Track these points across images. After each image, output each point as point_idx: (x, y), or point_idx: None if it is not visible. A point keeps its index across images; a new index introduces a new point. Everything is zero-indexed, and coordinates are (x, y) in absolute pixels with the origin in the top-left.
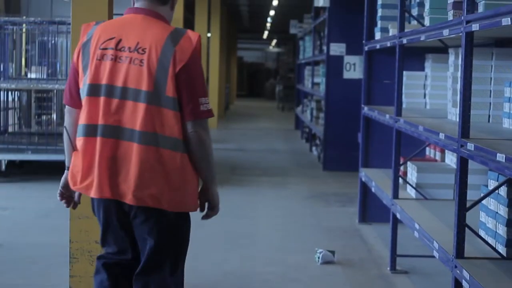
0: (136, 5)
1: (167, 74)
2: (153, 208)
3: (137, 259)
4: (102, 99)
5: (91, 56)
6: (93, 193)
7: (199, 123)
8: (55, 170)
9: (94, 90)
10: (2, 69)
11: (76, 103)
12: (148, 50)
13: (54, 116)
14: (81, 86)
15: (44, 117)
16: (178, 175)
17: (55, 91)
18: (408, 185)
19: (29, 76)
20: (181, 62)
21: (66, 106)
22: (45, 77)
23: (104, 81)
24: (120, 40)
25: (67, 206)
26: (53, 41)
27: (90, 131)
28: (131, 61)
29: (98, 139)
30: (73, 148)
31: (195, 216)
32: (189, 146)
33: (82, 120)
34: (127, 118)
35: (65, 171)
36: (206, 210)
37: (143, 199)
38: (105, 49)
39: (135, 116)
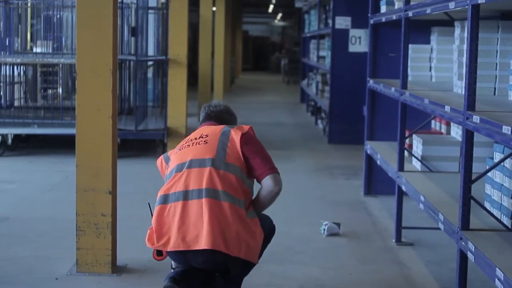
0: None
1: (225, 147)
2: (225, 255)
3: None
4: (174, 175)
5: (172, 158)
6: (170, 248)
7: (276, 177)
8: (61, 144)
9: (170, 174)
10: (7, 43)
11: None
12: (210, 134)
13: (60, 90)
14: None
15: (50, 91)
16: (241, 227)
17: (60, 65)
18: (413, 157)
19: (34, 50)
20: (238, 134)
21: None
22: (50, 51)
23: (176, 163)
24: (190, 139)
25: None
26: (58, 16)
27: (163, 200)
28: (196, 144)
29: (170, 204)
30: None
31: None
32: (264, 192)
33: (158, 194)
34: (193, 182)
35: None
36: None
37: (215, 243)
38: (180, 148)
39: (201, 178)
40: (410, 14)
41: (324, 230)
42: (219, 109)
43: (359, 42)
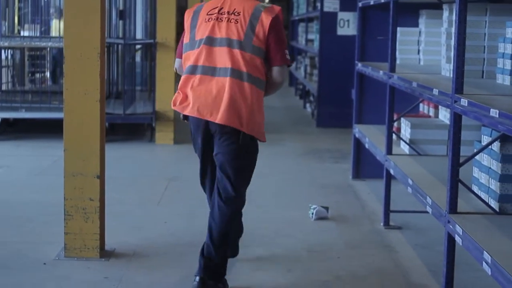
0: None
1: (254, 29)
2: (235, 130)
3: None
4: (203, 47)
5: (200, 20)
6: (187, 112)
7: (283, 68)
8: (48, 128)
9: (200, 42)
10: None
11: (181, 55)
12: (242, 13)
13: (47, 74)
14: (186, 41)
15: (37, 75)
16: (256, 108)
17: (48, 49)
18: (401, 141)
19: (22, 34)
20: (268, 18)
21: (177, 59)
22: (38, 35)
23: (206, 34)
24: (221, 8)
25: None
26: None
27: (191, 70)
28: (228, 20)
29: (196, 76)
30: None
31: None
32: (269, 82)
33: (189, 62)
34: (222, 60)
35: None
36: None
37: (229, 120)
38: (210, 14)
39: (229, 58)
40: None
41: (312, 214)
42: None
43: (348, 25)
